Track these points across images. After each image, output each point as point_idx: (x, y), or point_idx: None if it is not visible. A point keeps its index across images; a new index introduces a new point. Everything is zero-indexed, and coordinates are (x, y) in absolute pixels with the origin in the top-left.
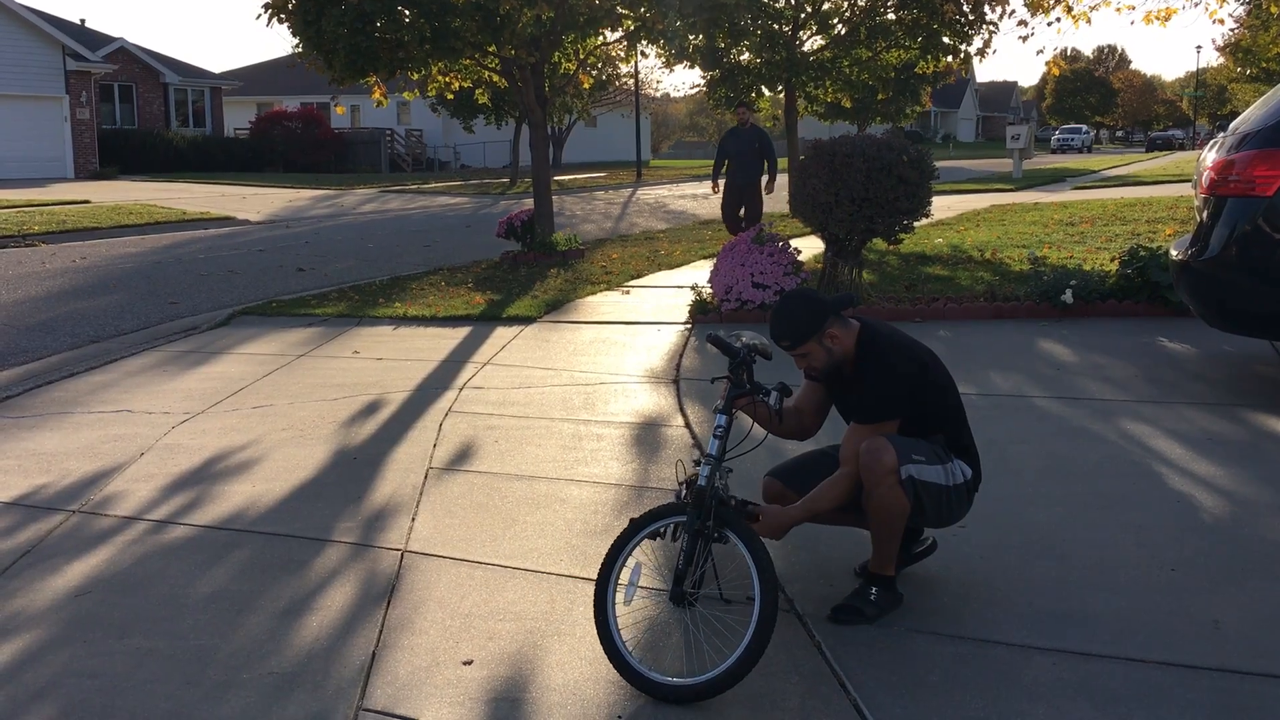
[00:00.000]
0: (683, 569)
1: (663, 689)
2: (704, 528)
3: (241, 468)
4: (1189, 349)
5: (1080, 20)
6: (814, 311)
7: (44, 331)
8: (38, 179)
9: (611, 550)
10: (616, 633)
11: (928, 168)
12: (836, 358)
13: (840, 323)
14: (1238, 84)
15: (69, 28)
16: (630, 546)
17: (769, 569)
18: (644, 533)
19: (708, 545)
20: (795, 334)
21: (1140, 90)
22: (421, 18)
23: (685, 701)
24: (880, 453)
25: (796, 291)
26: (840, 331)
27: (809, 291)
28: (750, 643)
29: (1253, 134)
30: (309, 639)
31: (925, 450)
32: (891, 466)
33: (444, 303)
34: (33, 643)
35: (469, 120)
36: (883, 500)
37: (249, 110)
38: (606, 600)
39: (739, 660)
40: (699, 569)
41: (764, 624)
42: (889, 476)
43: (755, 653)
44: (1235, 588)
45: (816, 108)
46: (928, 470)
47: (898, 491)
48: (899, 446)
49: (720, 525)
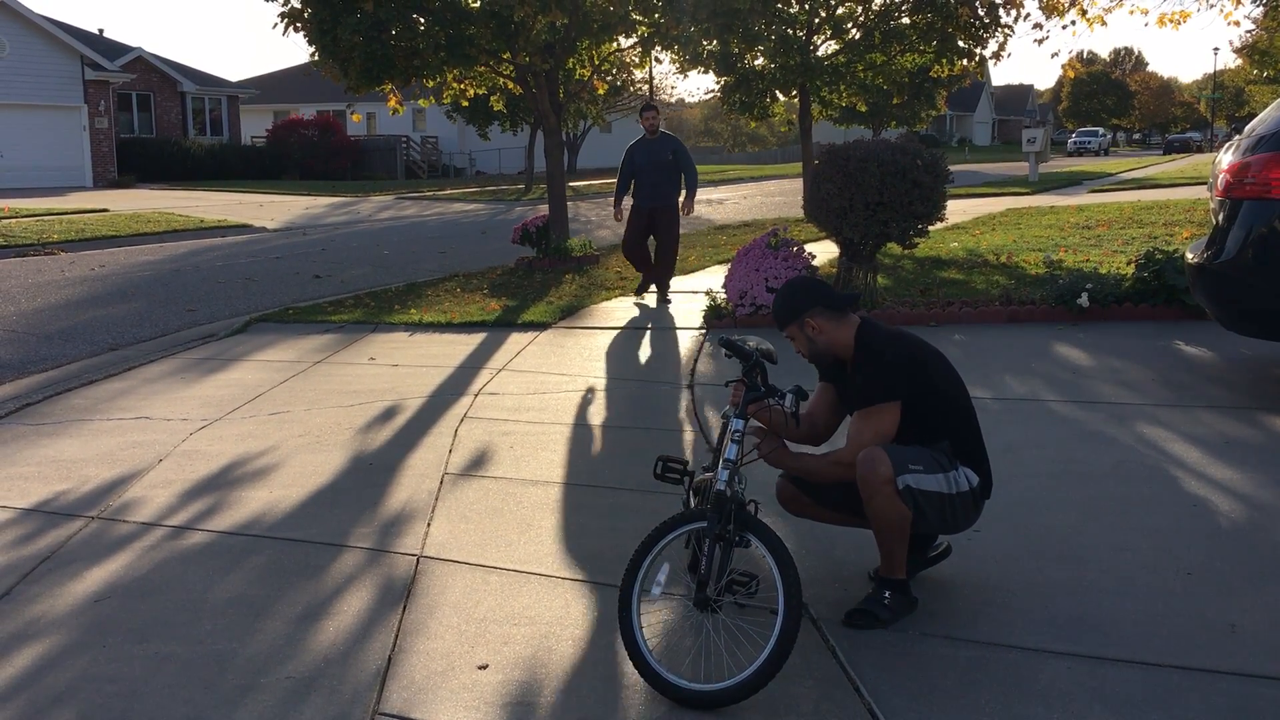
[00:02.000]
0: (705, 574)
1: (685, 694)
2: (725, 532)
3: (259, 474)
4: (1206, 352)
5: (1095, 23)
6: (799, 298)
7: (63, 339)
8: (57, 187)
9: (636, 555)
10: (641, 637)
11: (942, 171)
12: (820, 348)
13: (829, 315)
14: (1255, 86)
15: (87, 37)
16: (656, 551)
17: (793, 573)
18: (669, 538)
19: (729, 550)
20: (778, 316)
21: (1157, 92)
22: (436, 25)
23: (706, 707)
24: (876, 463)
25: (798, 278)
26: (828, 324)
27: (809, 279)
28: (774, 649)
29: (1268, 136)
30: (325, 643)
31: (925, 459)
32: (887, 477)
33: (459, 309)
34: (52, 647)
35: (484, 127)
36: (881, 509)
37: (265, 118)
38: (631, 605)
39: (762, 666)
40: (722, 574)
41: (788, 630)
42: (885, 486)
43: (779, 659)
44: (1252, 592)
45: (831, 112)
46: (926, 479)
47: (895, 501)
48: (895, 456)
49: (741, 529)
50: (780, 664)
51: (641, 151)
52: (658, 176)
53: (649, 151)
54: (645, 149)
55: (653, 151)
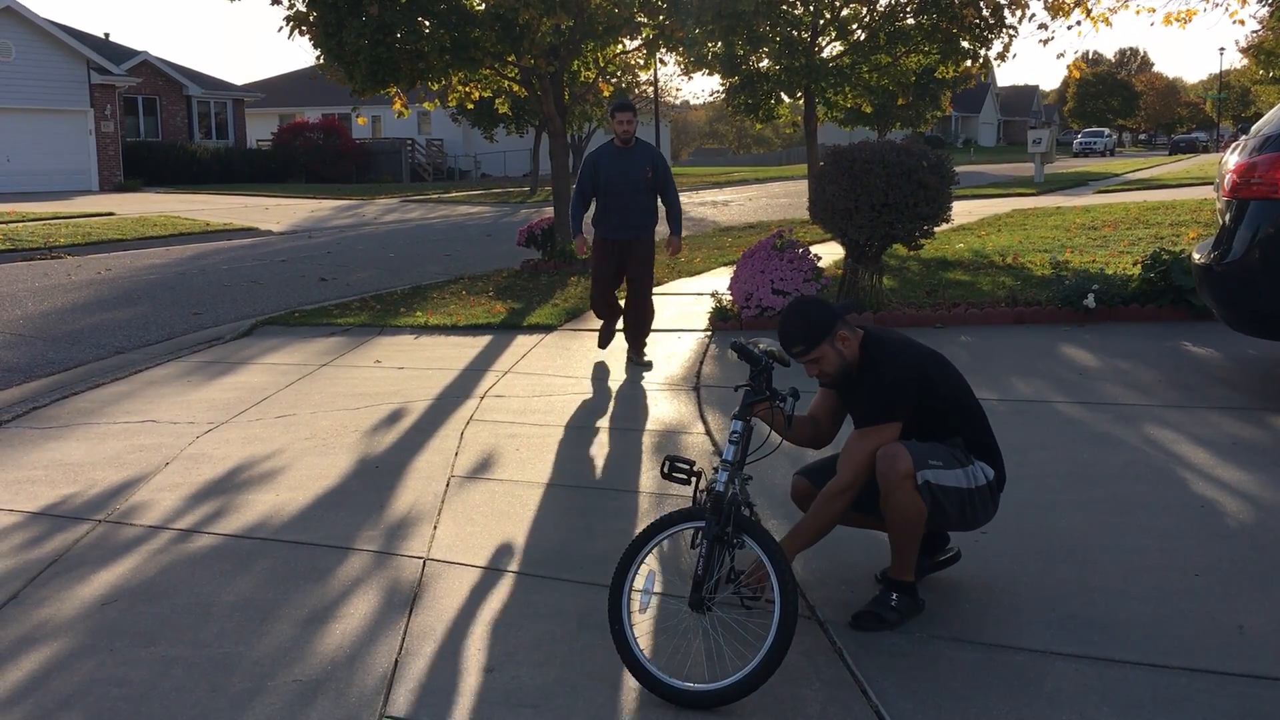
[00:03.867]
0: (701, 575)
1: (682, 695)
2: (723, 534)
3: (265, 477)
4: (1213, 353)
5: (1100, 23)
6: (826, 314)
7: (70, 343)
8: (63, 191)
9: (626, 556)
10: (633, 639)
11: (948, 173)
12: (847, 361)
13: (847, 326)
14: (1261, 86)
15: (93, 41)
16: (645, 552)
17: (788, 575)
18: (658, 539)
19: (726, 551)
20: (809, 338)
21: (1163, 93)
22: (441, 28)
23: (705, 707)
24: (895, 459)
25: (805, 298)
26: (849, 334)
27: (814, 299)
28: (771, 648)
29: (1275, 136)
30: (333, 646)
31: (943, 455)
32: (907, 472)
33: (465, 311)
34: (60, 650)
35: (489, 129)
36: (899, 505)
37: (271, 122)
38: (621, 606)
39: (759, 666)
40: (717, 575)
41: (784, 629)
42: (905, 482)
43: (776, 658)
44: (1260, 593)
45: (836, 114)
46: (945, 475)
47: (914, 497)
48: (915, 452)
49: (739, 531)
50: (777, 663)
51: (609, 163)
52: (629, 200)
53: (619, 164)
54: (614, 160)
55: (624, 165)
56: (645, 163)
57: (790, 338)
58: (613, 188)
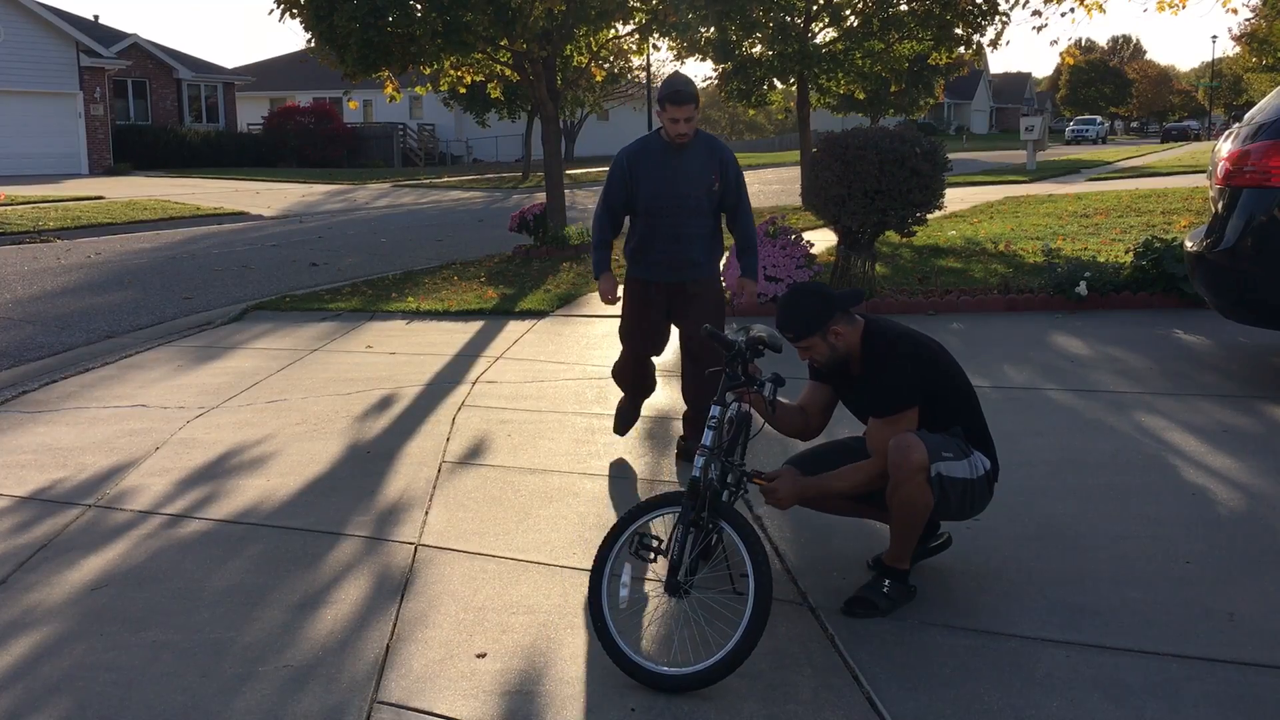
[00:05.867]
0: (677, 559)
1: (662, 679)
2: (699, 519)
3: (256, 462)
4: (1204, 341)
5: (1094, 9)
6: (820, 306)
7: (60, 327)
8: (52, 175)
9: (604, 543)
10: (611, 625)
11: (940, 160)
12: (840, 353)
13: (846, 319)
14: (1254, 74)
15: (82, 24)
16: (624, 538)
17: (762, 556)
18: (636, 525)
19: (702, 536)
20: (800, 327)
21: (1155, 81)
22: (433, 12)
23: (687, 690)
24: (910, 450)
25: (805, 285)
26: (845, 328)
27: (818, 285)
28: (747, 628)
29: (1268, 124)
30: (324, 632)
31: (953, 447)
32: (922, 464)
33: (457, 297)
34: (49, 636)
35: (482, 114)
36: (909, 496)
37: (262, 106)
38: (601, 593)
39: (736, 646)
40: (690, 558)
41: (759, 609)
42: (919, 474)
43: (752, 638)
44: (1251, 580)
45: (829, 100)
46: (955, 466)
47: (925, 489)
48: (930, 444)
49: (715, 516)
50: (753, 644)
51: (653, 168)
52: (683, 222)
53: (668, 170)
54: (660, 164)
55: (677, 172)
56: (709, 167)
57: (784, 323)
58: (659, 204)
